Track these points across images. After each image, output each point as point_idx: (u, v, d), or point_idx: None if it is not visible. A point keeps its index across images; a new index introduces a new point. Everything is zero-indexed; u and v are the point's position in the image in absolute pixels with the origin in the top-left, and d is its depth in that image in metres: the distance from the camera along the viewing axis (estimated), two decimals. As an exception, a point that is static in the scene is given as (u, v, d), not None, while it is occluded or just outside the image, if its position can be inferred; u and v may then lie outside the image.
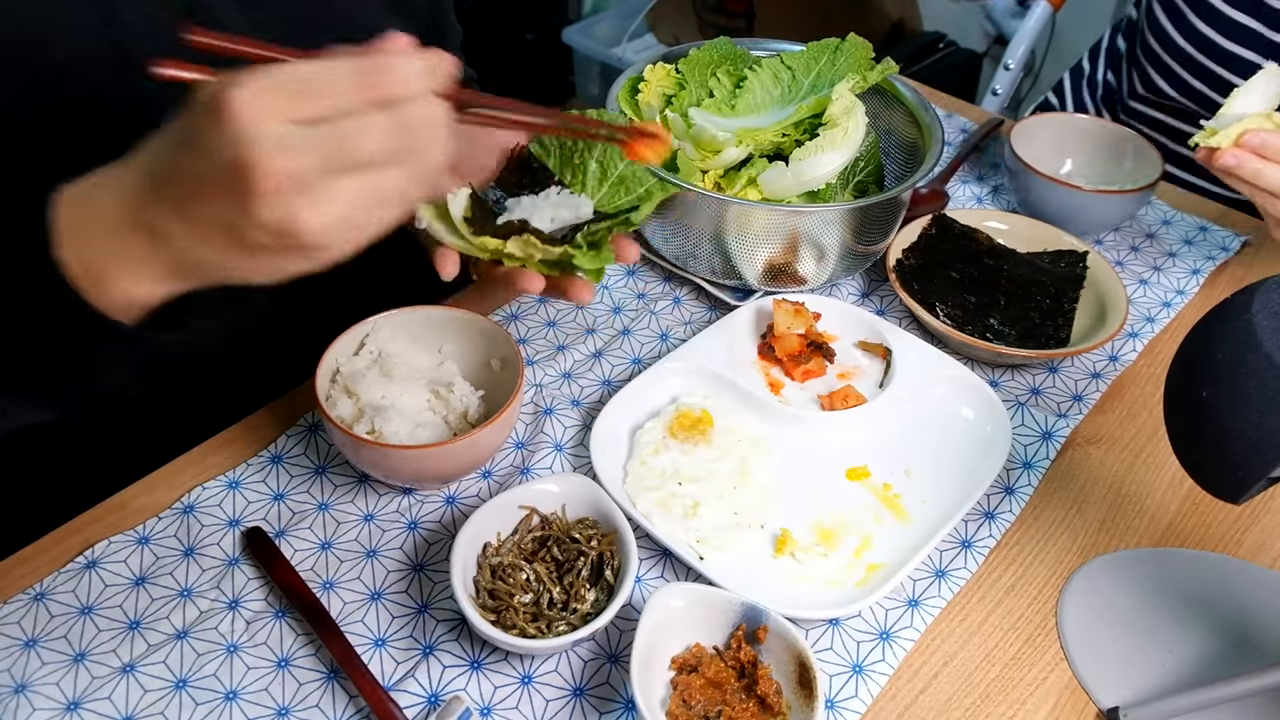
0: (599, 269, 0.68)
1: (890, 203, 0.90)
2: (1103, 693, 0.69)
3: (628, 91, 0.97)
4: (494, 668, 0.68)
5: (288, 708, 0.65)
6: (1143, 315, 0.99)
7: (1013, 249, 1.00)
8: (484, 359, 0.81)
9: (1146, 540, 0.79)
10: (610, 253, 0.68)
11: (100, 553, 0.72)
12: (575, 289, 0.72)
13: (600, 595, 0.68)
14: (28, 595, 0.70)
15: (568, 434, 0.83)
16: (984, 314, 0.92)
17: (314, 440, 0.81)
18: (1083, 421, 0.88)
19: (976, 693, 0.69)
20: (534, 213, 0.71)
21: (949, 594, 0.74)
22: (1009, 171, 1.06)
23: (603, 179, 0.77)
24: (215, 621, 0.69)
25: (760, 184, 0.91)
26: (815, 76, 0.95)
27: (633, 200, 0.77)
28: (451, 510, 0.78)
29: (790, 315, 0.89)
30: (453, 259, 0.71)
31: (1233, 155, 0.82)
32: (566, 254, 0.67)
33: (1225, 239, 1.08)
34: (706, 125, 0.91)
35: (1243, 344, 0.56)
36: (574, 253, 0.67)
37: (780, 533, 0.76)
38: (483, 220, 0.69)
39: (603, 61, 2.46)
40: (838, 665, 0.69)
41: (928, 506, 0.78)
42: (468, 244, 0.69)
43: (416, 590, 0.72)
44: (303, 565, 0.73)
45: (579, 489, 0.72)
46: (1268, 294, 0.57)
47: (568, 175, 0.77)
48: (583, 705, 0.67)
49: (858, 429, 0.84)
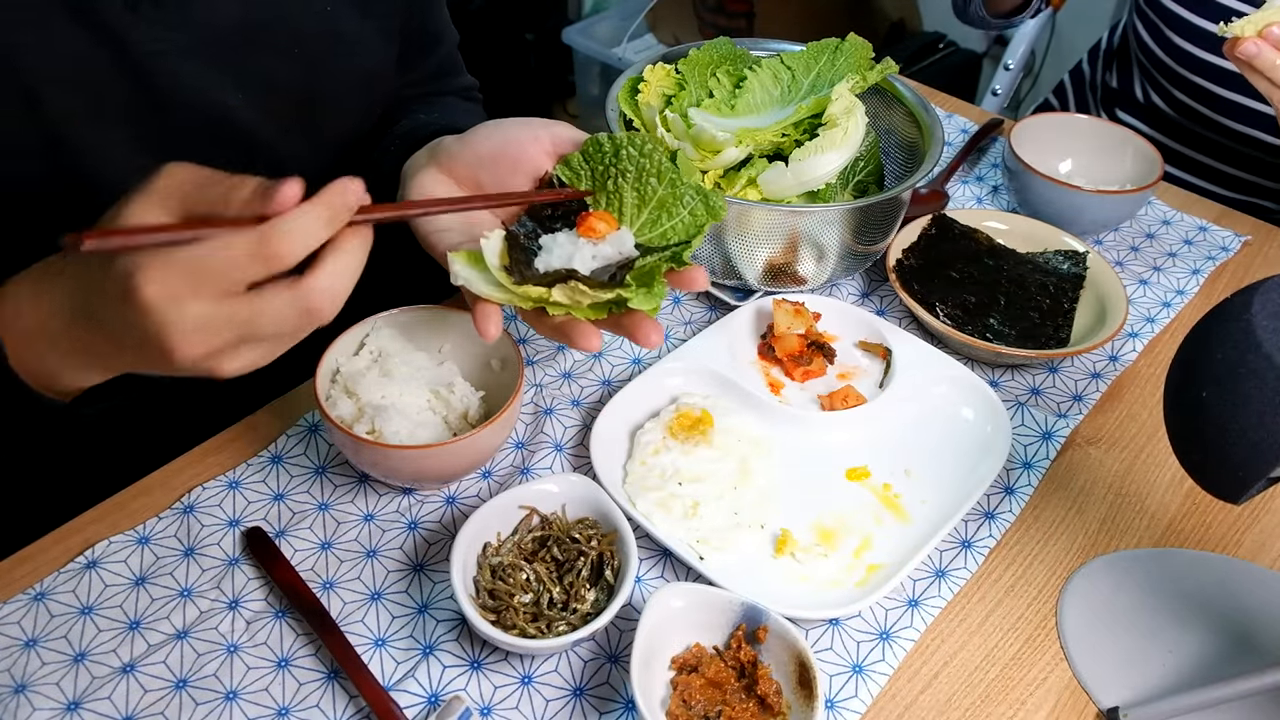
0: (655, 306, 0.64)
1: (890, 203, 0.90)
2: (1103, 693, 0.69)
3: (627, 92, 0.97)
4: (494, 668, 0.68)
5: (288, 708, 0.65)
6: (1142, 315, 0.99)
7: (1013, 249, 1.00)
8: (484, 359, 0.81)
9: (1146, 540, 0.79)
10: (664, 288, 0.64)
11: (100, 553, 0.72)
12: (643, 331, 0.65)
13: (600, 595, 0.68)
14: (28, 595, 0.70)
15: (568, 434, 0.83)
16: (984, 314, 0.92)
17: (314, 440, 0.81)
18: (1083, 421, 0.88)
19: (976, 693, 0.69)
20: (574, 251, 0.66)
21: (949, 594, 0.74)
22: (1009, 171, 1.06)
23: (641, 205, 0.71)
24: (215, 621, 0.69)
25: (760, 184, 0.91)
26: (815, 76, 0.95)
27: (675, 225, 0.71)
28: (451, 510, 0.78)
29: (790, 315, 0.89)
30: (495, 317, 0.66)
31: (1254, 44, 0.82)
32: (620, 297, 0.63)
33: (1225, 239, 1.08)
34: (706, 125, 0.91)
35: (1242, 344, 0.56)
36: (627, 295, 0.63)
37: (780, 533, 0.76)
38: (522, 264, 0.65)
39: (603, 61, 2.46)
40: (838, 665, 0.69)
41: (928, 506, 0.78)
42: (509, 294, 0.65)
43: (416, 590, 0.72)
44: (303, 565, 0.73)
45: (579, 489, 0.72)
46: (1267, 294, 0.57)
47: (601, 203, 0.71)
48: (583, 705, 0.67)
49: (858, 429, 0.84)
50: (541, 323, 0.68)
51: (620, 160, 0.70)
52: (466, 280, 0.65)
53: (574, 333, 0.66)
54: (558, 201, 0.70)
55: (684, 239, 0.70)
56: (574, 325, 0.66)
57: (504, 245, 0.66)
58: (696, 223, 0.70)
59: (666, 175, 0.70)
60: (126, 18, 0.67)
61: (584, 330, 0.66)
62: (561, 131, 0.72)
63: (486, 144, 0.72)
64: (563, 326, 0.66)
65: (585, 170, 0.71)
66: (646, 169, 0.70)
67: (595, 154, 0.70)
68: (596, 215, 0.68)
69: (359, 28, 0.81)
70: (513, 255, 0.66)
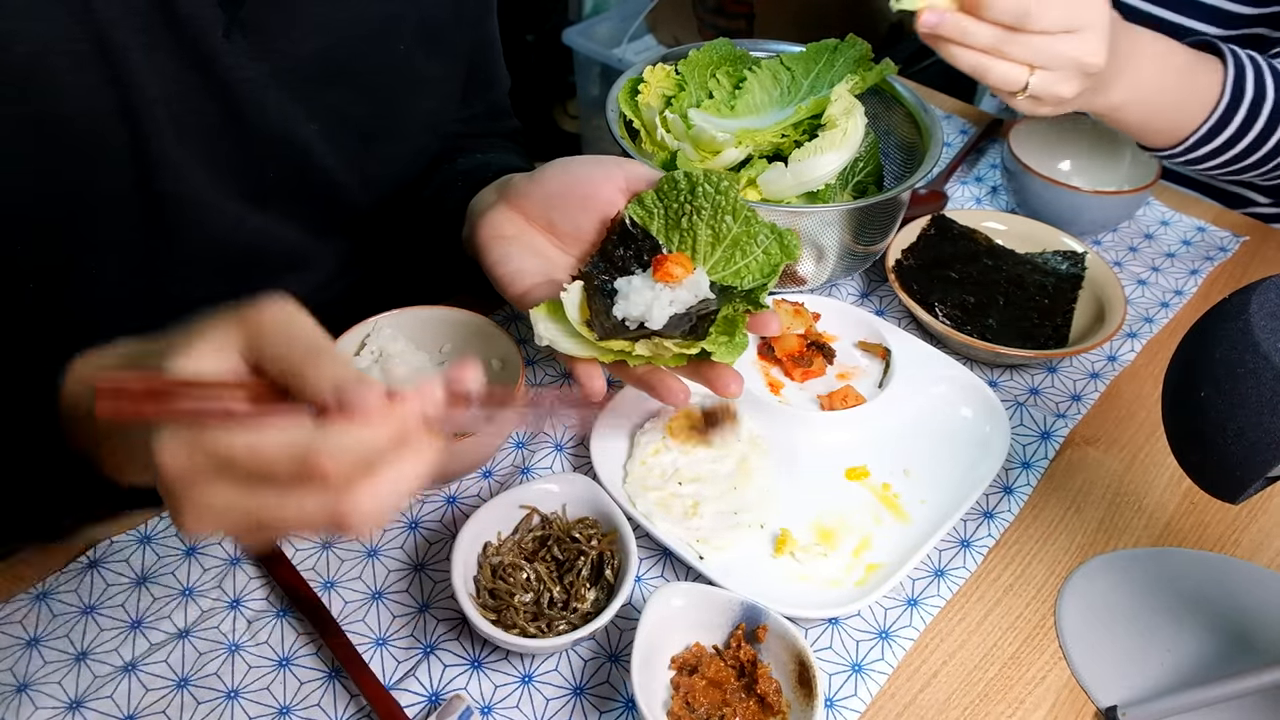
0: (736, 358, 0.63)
1: (889, 203, 0.91)
2: (1101, 691, 0.69)
3: (627, 93, 0.97)
4: (494, 667, 0.68)
5: (289, 707, 0.66)
6: (1141, 315, 0.99)
7: (1011, 249, 1.00)
8: (484, 359, 0.81)
9: (1145, 540, 0.80)
10: (745, 338, 0.63)
11: (102, 552, 0.73)
12: (723, 381, 0.65)
13: (600, 595, 0.68)
14: (30, 595, 0.70)
15: (568, 434, 0.84)
16: (983, 314, 0.93)
17: (315, 440, 0.81)
18: (1081, 421, 0.88)
19: (975, 691, 0.69)
20: (652, 298, 0.64)
21: (948, 593, 0.74)
22: (1007, 172, 1.07)
23: (715, 243, 0.69)
24: (217, 621, 0.69)
25: (760, 185, 0.91)
26: (814, 77, 0.96)
27: (749, 264, 0.69)
28: (452, 510, 0.78)
29: (790, 315, 0.89)
30: (598, 375, 0.65)
31: (932, 14, 0.75)
32: (704, 352, 0.62)
33: (1223, 240, 1.08)
34: (706, 126, 0.91)
35: (1240, 344, 0.56)
36: (710, 349, 0.62)
37: (780, 532, 0.76)
38: (601, 315, 0.64)
39: (603, 63, 2.46)
40: (837, 664, 0.69)
41: (927, 506, 0.78)
42: (592, 349, 0.64)
43: (417, 590, 0.72)
44: (304, 565, 0.73)
45: (579, 489, 0.72)
46: (1265, 294, 0.57)
47: (674, 240, 0.69)
48: (583, 704, 0.67)
49: (857, 429, 0.84)
50: (625, 373, 0.67)
51: (696, 197, 0.68)
52: (551, 340, 0.64)
53: (660, 386, 0.65)
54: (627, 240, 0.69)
55: (758, 278, 0.68)
56: (658, 377, 0.65)
57: (583, 297, 0.65)
58: (771, 262, 0.69)
59: (742, 213, 0.68)
60: (222, 45, 0.68)
61: (669, 385, 0.65)
62: (636, 169, 0.71)
63: (557, 181, 0.71)
64: (646, 377, 0.66)
65: (659, 208, 0.69)
66: (722, 206, 0.68)
67: (670, 191, 0.69)
68: (673, 259, 0.66)
69: (429, 68, 0.82)
70: (592, 306, 0.64)
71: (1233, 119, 0.87)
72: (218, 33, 0.68)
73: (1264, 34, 1.12)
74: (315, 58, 0.74)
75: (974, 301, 0.93)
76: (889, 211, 0.93)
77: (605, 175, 0.70)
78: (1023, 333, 0.91)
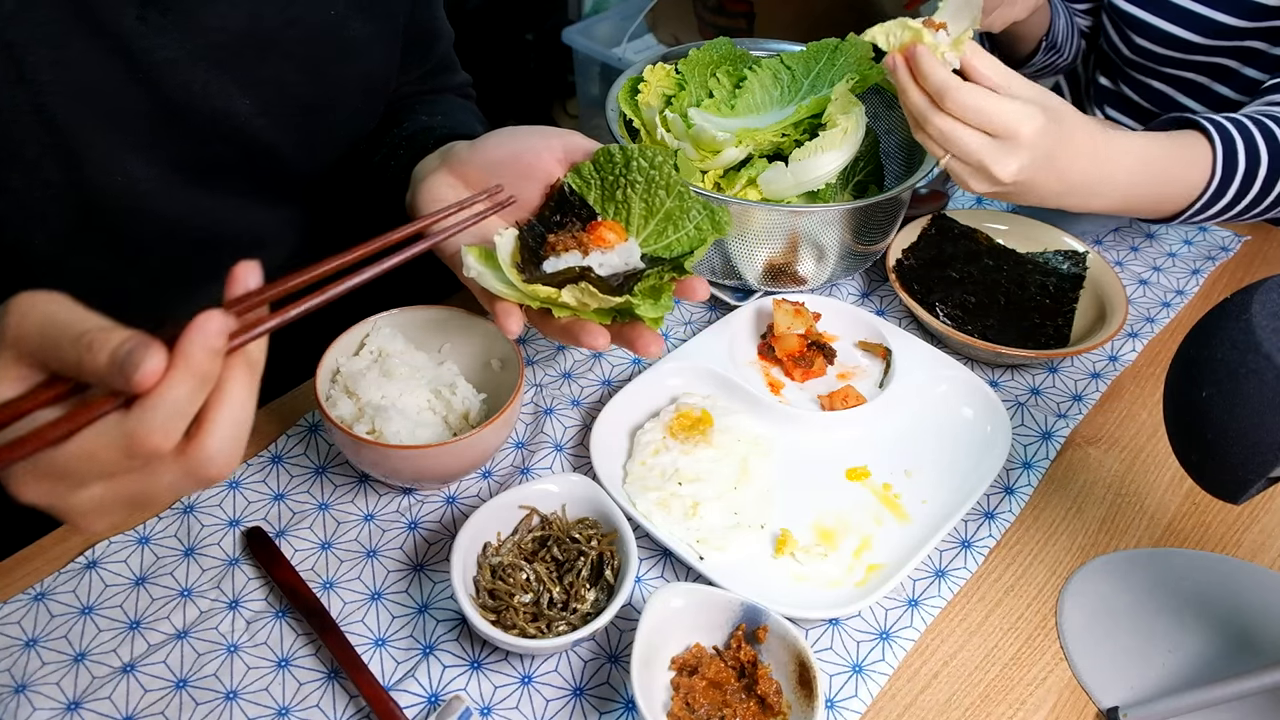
0: (659, 317, 0.65)
1: (890, 203, 0.90)
2: (1102, 692, 0.69)
3: (627, 92, 0.97)
4: (494, 667, 0.68)
5: (288, 707, 0.65)
6: (1142, 315, 0.99)
7: (1012, 249, 1.00)
8: (484, 359, 0.81)
9: (1146, 540, 0.79)
10: (670, 300, 0.66)
11: (100, 553, 0.72)
12: (644, 341, 0.67)
13: (600, 595, 0.68)
14: (28, 595, 0.70)
15: (568, 434, 0.83)
16: (984, 314, 0.92)
17: (314, 440, 0.81)
18: (1082, 421, 0.88)
19: (976, 692, 0.69)
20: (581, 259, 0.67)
21: (949, 594, 0.74)
22: (1009, 172, 1.06)
23: (648, 216, 0.71)
24: (215, 621, 0.69)
25: (760, 184, 0.91)
26: (815, 76, 0.95)
27: (680, 238, 0.72)
28: (451, 510, 0.78)
29: (790, 315, 0.89)
30: (516, 314, 0.67)
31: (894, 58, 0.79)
32: (628, 303, 0.64)
33: (1224, 239, 1.08)
34: (706, 125, 0.91)
35: (1242, 344, 0.56)
36: (636, 301, 0.64)
37: (780, 533, 0.76)
38: (531, 264, 0.66)
39: (603, 62, 2.46)
40: (838, 665, 0.69)
41: (927, 506, 0.78)
42: (518, 292, 0.66)
43: (417, 590, 0.72)
44: (303, 565, 0.73)
45: (579, 489, 0.72)
46: (1267, 294, 0.57)
47: (609, 211, 0.72)
48: (583, 705, 0.67)
49: (858, 429, 0.84)
50: (547, 324, 0.69)
51: (630, 171, 0.70)
52: (478, 275, 0.66)
53: (581, 331, 0.66)
54: (564, 207, 0.71)
55: (688, 251, 0.71)
56: (581, 324, 0.66)
57: (516, 244, 0.67)
58: (701, 236, 0.71)
59: (675, 188, 0.71)
60: (137, 28, 0.67)
61: (591, 329, 0.66)
62: (575, 140, 0.72)
63: (499, 150, 0.72)
64: (569, 327, 0.67)
65: (595, 179, 0.71)
66: (656, 180, 0.71)
67: (606, 164, 0.71)
68: (606, 225, 0.69)
69: (364, 31, 0.81)
70: (524, 255, 0.66)
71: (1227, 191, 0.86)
72: (131, 16, 0.66)
73: (1257, 47, 1.11)
74: (242, 31, 0.73)
75: (975, 301, 0.93)
76: (889, 211, 0.93)
77: (545, 145, 0.72)
78: (1024, 332, 0.91)
